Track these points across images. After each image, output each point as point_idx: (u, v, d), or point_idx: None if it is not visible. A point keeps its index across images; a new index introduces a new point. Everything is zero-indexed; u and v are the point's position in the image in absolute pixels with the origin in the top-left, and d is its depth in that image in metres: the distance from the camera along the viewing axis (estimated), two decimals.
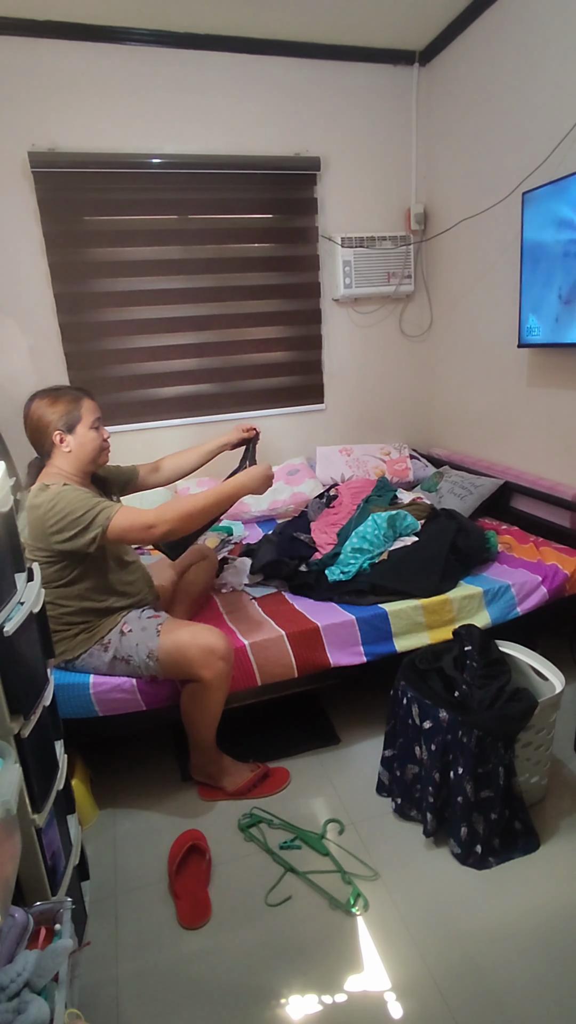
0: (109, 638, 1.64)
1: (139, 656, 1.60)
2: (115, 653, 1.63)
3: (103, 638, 1.64)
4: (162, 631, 1.61)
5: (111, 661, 1.63)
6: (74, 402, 1.63)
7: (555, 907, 1.37)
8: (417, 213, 2.92)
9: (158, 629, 1.62)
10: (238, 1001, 1.23)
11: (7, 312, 2.50)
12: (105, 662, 1.63)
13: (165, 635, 1.61)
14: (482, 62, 2.43)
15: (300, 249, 2.86)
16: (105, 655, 1.63)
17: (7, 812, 0.85)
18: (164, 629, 1.62)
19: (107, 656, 1.63)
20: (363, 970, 1.26)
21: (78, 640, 1.64)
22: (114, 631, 1.65)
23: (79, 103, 2.42)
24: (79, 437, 1.62)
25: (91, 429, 1.64)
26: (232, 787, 1.73)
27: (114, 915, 1.43)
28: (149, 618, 1.67)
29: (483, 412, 2.79)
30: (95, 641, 1.64)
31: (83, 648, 1.64)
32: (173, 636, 1.60)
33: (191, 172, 2.60)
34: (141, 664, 1.61)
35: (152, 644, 1.60)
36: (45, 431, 1.60)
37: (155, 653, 1.59)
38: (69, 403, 1.62)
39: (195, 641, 1.58)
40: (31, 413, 1.62)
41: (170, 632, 1.61)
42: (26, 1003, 0.86)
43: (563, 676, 1.58)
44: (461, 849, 1.48)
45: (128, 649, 1.62)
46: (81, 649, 1.64)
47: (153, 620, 1.66)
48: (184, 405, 2.84)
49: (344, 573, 1.99)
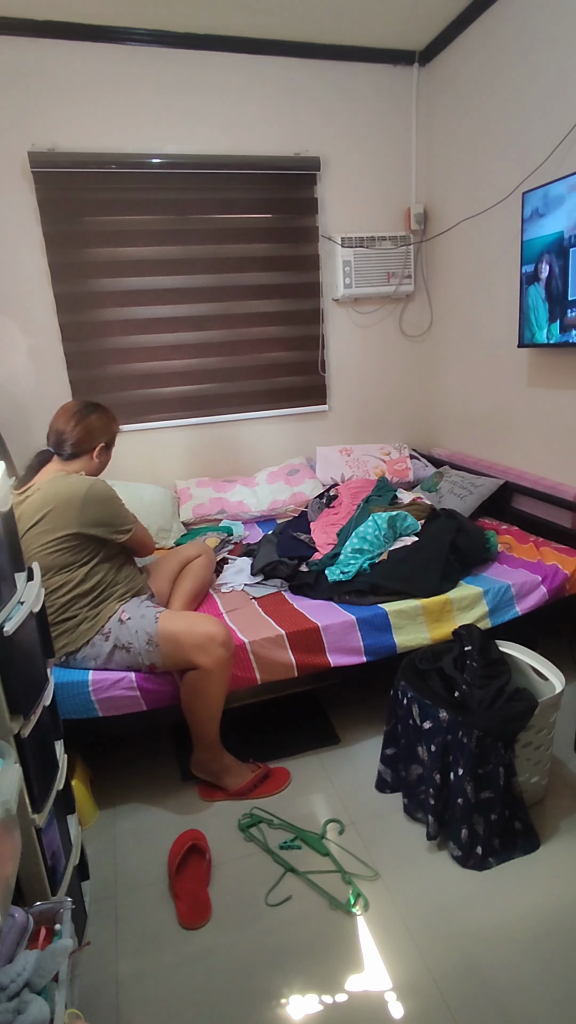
0: (109, 627, 1.67)
1: (139, 643, 1.63)
2: (115, 642, 1.65)
3: (103, 627, 1.67)
4: (161, 617, 1.66)
5: (111, 650, 1.65)
6: (118, 426, 1.89)
7: (555, 907, 1.37)
8: (417, 213, 2.92)
9: (157, 616, 1.67)
10: (238, 1001, 1.23)
11: (7, 312, 2.50)
12: (105, 651, 1.65)
13: (164, 621, 1.65)
14: (482, 62, 2.43)
15: (300, 249, 2.86)
16: (105, 644, 1.65)
17: (7, 812, 0.85)
18: (163, 616, 1.67)
19: (107, 645, 1.65)
20: (363, 970, 1.26)
21: (81, 630, 1.66)
22: (113, 619, 1.68)
23: (79, 103, 2.42)
24: (106, 457, 1.86)
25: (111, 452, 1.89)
26: (233, 787, 1.74)
27: (114, 915, 1.43)
28: (148, 606, 1.72)
29: (483, 412, 2.79)
30: (97, 631, 1.66)
31: (86, 638, 1.66)
32: (172, 622, 1.65)
33: (191, 172, 2.60)
34: (141, 651, 1.63)
35: (151, 630, 1.63)
36: (94, 438, 1.79)
37: (154, 639, 1.62)
38: (118, 426, 1.88)
39: (194, 627, 1.63)
40: (91, 419, 1.78)
41: (169, 619, 1.66)
42: (26, 1003, 0.86)
43: (563, 676, 1.58)
44: (461, 852, 1.48)
45: (128, 636, 1.64)
46: (84, 639, 1.66)
47: (152, 608, 1.71)
48: (184, 405, 2.84)
49: (344, 573, 1.99)
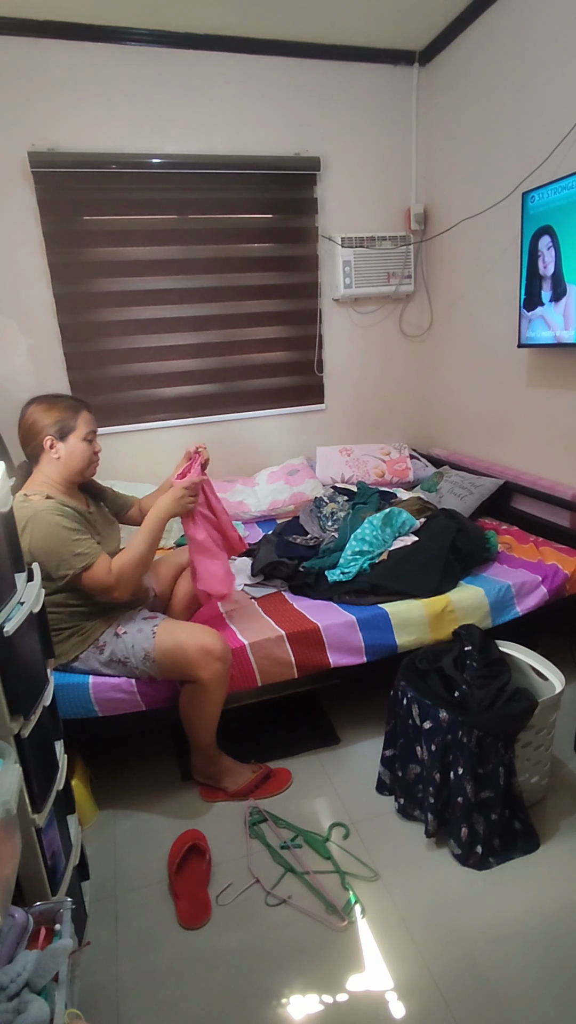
0: (103, 640, 1.64)
1: (135, 658, 1.60)
2: (111, 656, 1.62)
3: (96, 640, 1.64)
4: (158, 632, 1.62)
5: (107, 663, 1.63)
6: (71, 411, 1.62)
7: (555, 907, 1.37)
8: (417, 213, 2.92)
9: (154, 631, 1.62)
10: (238, 1001, 1.23)
11: (7, 312, 2.50)
12: (101, 664, 1.63)
13: (161, 636, 1.61)
14: (482, 62, 2.43)
15: (300, 249, 2.86)
16: (100, 657, 1.63)
17: (7, 812, 0.85)
18: (160, 630, 1.62)
19: (103, 658, 1.63)
20: (363, 970, 1.26)
21: (70, 644, 1.63)
22: (107, 633, 1.65)
23: (79, 103, 2.42)
24: (70, 446, 1.61)
25: (83, 440, 1.63)
26: (234, 788, 1.73)
27: (114, 915, 1.43)
28: (144, 619, 1.67)
29: (483, 412, 2.79)
30: (88, 644, 1.64)
31: (76, 652, 1.63)
32: (169, 637, 1.60)
33: (191, 172, 2.60)
34: (138, 665, 1.60)
35: (148, 645, 1.60)
36: (37, 435, 1.60)
37: (151, 655, 1.59)
38: (65, 411, 1.62)
39: (192, 641, 1.58)
40: (26, 416, 1.61)
41: (166, 633, 1.61)
42: (26, 1003, 0.86)
43: (563, 676, 1.58)
44: (461, 850, 1.48)
45: (124, 651, 1.61)
46: (74, 653, 1.63)
47: (149, 621, 1.66)
48: (184, 405, 2.84)
49: (345, 574, 1.99)
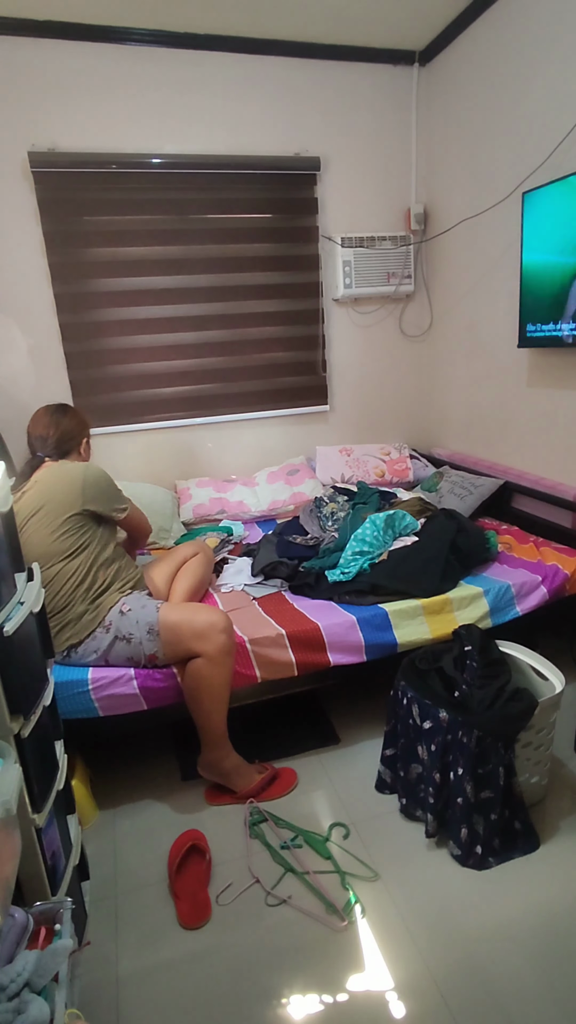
0: (109, 619, 1.68)
1: (140, 632, 1.64)
2: (116, 633, 1.66)
3: (104, 619, 1.68)
4: (162, 608, 1.69)
5: (112, 641, 1.65)
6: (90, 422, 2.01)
7: (555, 907, 1.37)
8: (417, 213, 2.92)
9: (158, 607, 1.69)
10: (238, 1001, 1.23)
11: (7, 312, 2.50)
12: (106, 643, 1.65)
13: (165, 611, 1.68)
14: (482, 62, 2.43)
15: (300, 249, 2.86)
16: (106, 636, 1.66)
17: (7, 812, 0.85)
18: (164, 607, 1.70)
19: (108, 637, 1.66)
20: (363, 970, 1.26)
21: (84, 622, 1.66)
22: (113, 610, 1.69)
23: (79, 103, 2.42)
24: (89, 452, 1.96)
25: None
26: (243, 788, 1.73)
27: (114, 915, 1.43)
28: (148, 598, 1.74)
29: (483, 412, 2.79)
30: (99, 622, 1.67)
31: (88, 630, 1.66)
32: (174, 611, 1.69)
33: (191, 172, 2.60)
34: (141, 640, 1.63)
35: (152, 619, 1.65)
36: (82, 432, 1.90)
37: (155, 628, 1.64)
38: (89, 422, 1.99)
39: (195, 616, 1.65)
40: (71, 415, 1.87)
41: (170, 609, 1.70)
42: (26, 1003, 0.86)
43: (563, 676, 1.58)
44: (461, 851, 1.48)
45: (128, 627, 1.65)
46: (87, 631, 1.66)
47: (152, 600, 1.73)
48: (184, 405, 2.84)
49: (345, 574, 1.99)
